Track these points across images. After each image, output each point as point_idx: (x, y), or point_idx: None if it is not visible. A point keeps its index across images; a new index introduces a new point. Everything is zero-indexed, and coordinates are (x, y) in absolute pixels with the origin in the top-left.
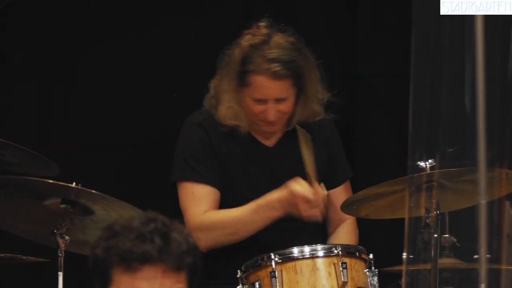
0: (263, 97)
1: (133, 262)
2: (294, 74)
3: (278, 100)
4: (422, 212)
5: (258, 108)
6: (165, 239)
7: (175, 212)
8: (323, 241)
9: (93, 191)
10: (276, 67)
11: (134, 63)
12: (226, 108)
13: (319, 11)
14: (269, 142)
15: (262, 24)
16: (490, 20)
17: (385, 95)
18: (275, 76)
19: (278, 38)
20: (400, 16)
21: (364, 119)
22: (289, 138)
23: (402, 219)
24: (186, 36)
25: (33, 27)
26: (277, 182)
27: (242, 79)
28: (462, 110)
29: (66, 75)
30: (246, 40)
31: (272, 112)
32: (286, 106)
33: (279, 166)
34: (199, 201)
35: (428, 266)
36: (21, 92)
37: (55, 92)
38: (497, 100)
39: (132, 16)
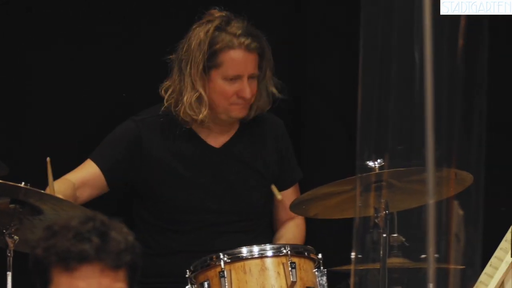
0: (238, 73)
1: (70, 261)
2: (260, 51)
3: (250, 78)
4: (371, 212)
5: (231, 88)
6: (103, 238)
7: (120, 211)
8: (271, 242)
9: (42, 191)
10: (247, 40)
11: (83, 62)
12: (194, 98)
13: (267, 10)
14: (217, 144)
15: (214, 11)
16: (438, 18)
17: (334, 94)
18: (248, 49)
19: (237, 19)
20: (348, 16)
21: (312, 119)
22: (237, 139)
23: (351, 219)
24: (136, 37)
25: None
26: (224, 183)
27: (211, 61)
28: (411, 109)
29: (13, 74)
30: (206, 26)
31: (248, 89)
32: (254, 86)
33: (226, 167)
34: (76, 170)
35: (377, 265)
36: None
37: (2, 92)
38: (445, 100)
39: (81, 16)
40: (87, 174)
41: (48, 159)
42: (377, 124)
